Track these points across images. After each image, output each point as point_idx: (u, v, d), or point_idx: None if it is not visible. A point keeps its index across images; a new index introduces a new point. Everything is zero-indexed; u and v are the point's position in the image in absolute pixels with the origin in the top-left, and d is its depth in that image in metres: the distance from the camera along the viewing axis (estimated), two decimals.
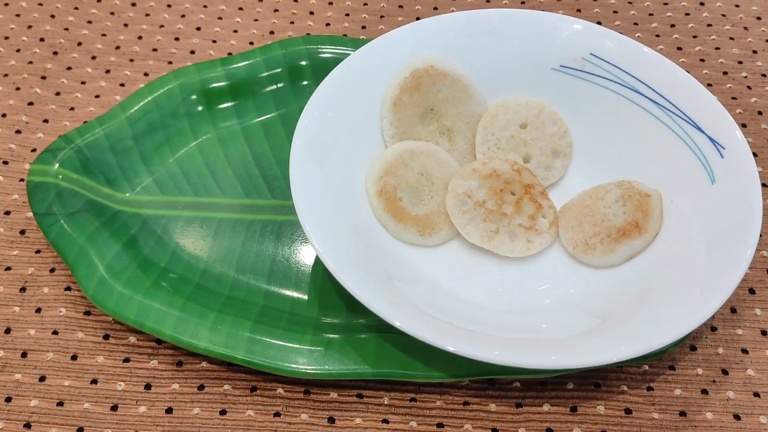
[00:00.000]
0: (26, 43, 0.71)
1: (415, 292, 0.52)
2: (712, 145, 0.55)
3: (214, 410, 0.50)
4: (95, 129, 0.60)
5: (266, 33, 0.72)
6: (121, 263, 0.54)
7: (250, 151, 0.62)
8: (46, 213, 0.55)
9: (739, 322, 0.54)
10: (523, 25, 0.61)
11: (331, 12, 0.74)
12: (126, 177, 0.60)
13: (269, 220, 0.58)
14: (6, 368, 0.52)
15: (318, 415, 0.50)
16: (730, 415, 0.50)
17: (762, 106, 0.67)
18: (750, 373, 0.52)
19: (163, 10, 0.74)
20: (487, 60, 0.61)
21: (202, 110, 0.63)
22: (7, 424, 0.49)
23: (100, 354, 0.53)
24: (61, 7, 0.74)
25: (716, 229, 0.51)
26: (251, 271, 0.56)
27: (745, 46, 0.71)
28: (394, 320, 0.46)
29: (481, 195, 0.55)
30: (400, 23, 0.72)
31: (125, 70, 0.69)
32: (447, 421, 0.50)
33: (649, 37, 0.72)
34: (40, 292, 0.55)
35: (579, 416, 0.50)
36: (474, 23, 0.61)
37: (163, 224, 0.58)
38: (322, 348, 0.50)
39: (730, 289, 0.47)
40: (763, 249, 0.58)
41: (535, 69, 0.61)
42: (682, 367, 0.52)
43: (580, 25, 0.60)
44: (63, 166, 0.57)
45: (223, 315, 0.52)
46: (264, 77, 0.64)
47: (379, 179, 0.56)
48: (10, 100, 0.66)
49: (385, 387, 0.51)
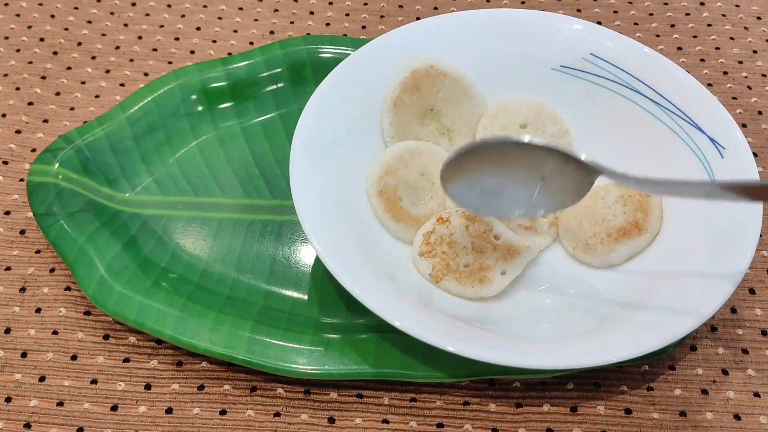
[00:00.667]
0: (26, 43, 0.71)
1: (414, 292, 0.52)
2: (712, 145, 0.55)
3: (214, 410, 0.50)
4: (95, 129, 0.60)
5: (266, 33, 0.72)
6: (121, 263, 0.54)
7: (250, 151, 0.62)
8: (46, 213, 0.55)
9: (739, 322, 0.54)
10: (524, 25, 0.61)
11: (331, 12, 0.74)
12: (126, 177, 0.60)
13: (269, 220, 0.58)
14: (6, 368, 0.52)
15: (318, 415, 0.50)
16: (730, 415, 0.50)
17: (762, 106, 0.67)
18: (750, 373, 0.52)
19: (163, 10, 0.74)
20: (487, 60, 0.61)
21: (202, 110, 0.63)
22: (7, 424, 0.49)
23: (100, 354, 0.53)
24: (61, 7, 0.74)
25: (716, 229, 0.51)
26: (251, 271, 0.56)
27: (745, 46, 0.71)
28: (394, 320, 0.46)
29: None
30: (400, 23, 0.72)
31: (125, 70, 0.69)
32: (447, 421, 0.50)
33: (649, 37, 0.72)
34: (40, 292, 0.55)
35: (579, 416, 0.50)
36: (474, 23, 0.61)
37: (163, 224, 0.58)
38: (322, 348, 0.50)
39: (730, 289, 0.47)
40: (763, 249, 0.58)
41: (536, 69, 0.61)
42: (682, 367, 0.52)
43: (581, 25, 0.60)
44: (63, 166, 0.57)
45: (223, 315, 0.52)
46: (264, 77, 0.64)
47: (379, 179, 0.56)
48: (10, 100, 0.66)
49: (385, 387, 0.51)
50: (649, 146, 0.58)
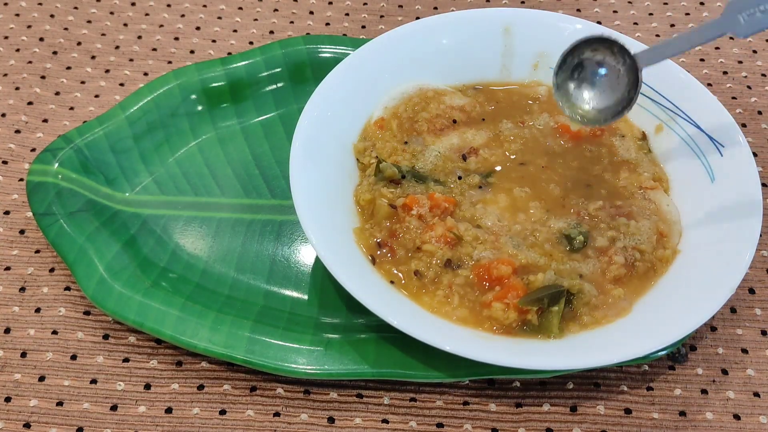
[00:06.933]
0: (26, 43, 0.71)
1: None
2: (712, 144, 0.55)
3: (214, 410, 0.50)
4: (95, 129, 0.60)
5: (266, 33, 0.72)
6: (121, 263, 0.54)
7: (250, 150, 0.62)
8: (46, 213, 0.55)
9: (739, 322, 0.54)
10: (524, 25, 0.61)
11: (331, 12, 0.74)
12: (126, 177, 0.60)
13: (269, 220, 0.58)
14: (6, 368, 0.52)
15: (318, 415, 0.50)
16: (730, 414, 0.50)
17: (762, 106, 0.67)
18: (750, 372, 0.52)
19: (163, 10, 0.74)
20: (487, 60, 0.61)
21: (201, 110, 0.63)
22: (7, 423, 0.49)
23: (99, 354, 0.52)
24: (60, 7, 0.74)
25: (716, 228, 0.51)
26: (251, 270, 0.56)
27: (745, 46, 0.71)
28: (393, 320, 0.46)
29: None
30: (400, 23, 0.71)
31: (125, 69, 0.69)
32: (447, 421, 0.50)
33: (649, 37, 0.72)
34: (40, 291, 0.55)
35: (579, 416, 0.50)
36: (474, 23, 0.61)
37: (162, 224, 0.58)
38: (322, 348, 0.50)
39: (730, 289, 0.47)
40: (763, 249, 0.58)
41: (536, 68, 0.61)
42: (682, 367, 0.52)
43: (581, 25, 0.60)
44: (63, 165, 0.57)
45: (222, 315, 0.52)
46: (264, 77, 0.64)
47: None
48: (10, 100, 0.66)
49: (384, 387, 0.51)
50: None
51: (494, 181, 0.56)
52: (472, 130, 0.59)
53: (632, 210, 0.53)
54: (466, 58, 0.61)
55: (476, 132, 0.59)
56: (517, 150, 0.57)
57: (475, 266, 0.51)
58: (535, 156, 0.57)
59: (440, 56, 0.61)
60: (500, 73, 0.62)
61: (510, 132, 0.58)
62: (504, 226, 0.53)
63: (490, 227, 0.53)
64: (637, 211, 0.53)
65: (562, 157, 0.57)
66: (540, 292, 0.49)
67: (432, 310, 0.49)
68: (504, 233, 0.52)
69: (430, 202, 0.53)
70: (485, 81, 0.62)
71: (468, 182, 0.55)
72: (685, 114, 0.57)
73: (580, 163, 0.57)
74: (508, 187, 0.55)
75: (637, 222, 0.53)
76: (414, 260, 0.51)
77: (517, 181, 0.56)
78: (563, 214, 0.54)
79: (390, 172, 0.54)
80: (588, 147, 0.58)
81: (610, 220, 0.53)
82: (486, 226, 0.53)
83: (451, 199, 0.54)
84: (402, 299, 0.50)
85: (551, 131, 0.58)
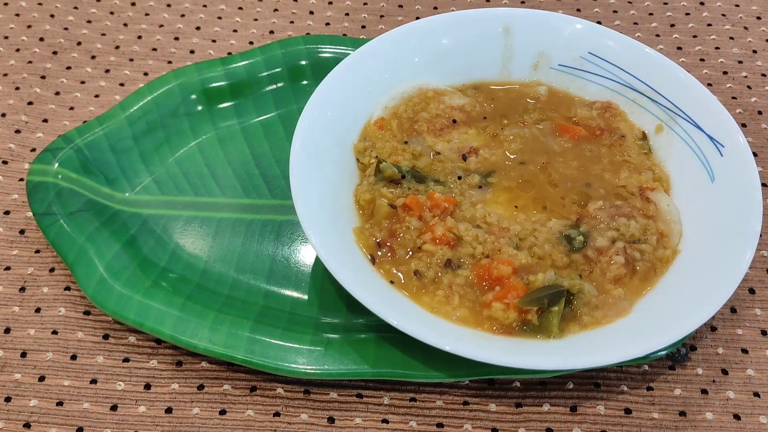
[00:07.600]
0: (26, 43, 0.71)
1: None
2: (712, 144, 0.55)
3: (214, 410, 0.50)
4: (95, 129, 0.60)
5: (266, 33, 0.72)
6: (121, 263, 0.54)
7: (250, 150, 0.62)
8: (46, 213, 0.55)
9: (739, 322, 0.54)
10: (524, 25, 0.61)
11: (331, 12, 0.74)
12: (126, 177, 0.60)
13: (269, 220, 0.58)
14: (6, 368, 0.52)
15: (318, 415, 0.50)
16: (730, 414, 0.50)
17: (762, 106, 0.67)
18: (750, 373, 0.52)
19: (163, 10, 0.74)
20: (487, 59, 0.61)
21: (201, 110, 0.63)
22: (7, 423, 0.49)
23: (99, 354, 0.52)
24: (60, 7, 0.74)
25: (716, 228, 0.51)
26: (251, 270, 0.56)
27: (745, 45, 0.71)
28: (393, 320, 0.46)
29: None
30: (400, 23, 0.71)
31: (125, 69, 0.69)
32: (447, 421, 0.50)
33: (649, 36, 0.72)
34: (40, 291, 0.55)
35: (579, 416, 0.50)
36: (474, 23, 0.61)
37: (162, 224, 0.58)
38: (322, 348, 0.50)
39: (730, 289, 0.47)
40: (763, 249, 0.58)
41: (536, 68, 0.61)
42: (682, 367, 0.52)
43: (581, 25, 0.60)
44: (63, 165, 0.57)
45: (222, 315, 0.52)
46: (264, 77, 0.64)
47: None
48: (10, 100, 0.66)
49: (384, 387, 0.51)
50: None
51: (494, 181, 0.56)
52: (472, 130, 0.59)
53: (632, 210, 0.54)
54: (466, 58, 0.61)
55: (476, 132, 0.59)
56: (517, 150, 0.57)
57: (475, 266, 0.51)
58: (535, 156, 0.57)
59: (440, 56, 0.61)
60: (500, 72, 0.62)
61: (510, 132, 0.58)
62: (504, 226, 0.53)
63: (490, 227, 0.53)
64: (637, 211, 0.53)
65: (562, 157, 0.57)
66: (540, 292, 0.49)
67: (432, 310, 0.49)
68: (504, 233, 0.52)
69: (430, 202, 0.53)
70: (485, 81, 0.62)
71: (468, 182, 0.55)
72: (685, 114, 0.57)
73: (579, 163, 0.57)
74: (508, 186, 0.55)
75: (637, 222, 0.53)
76: (414, 260, 0.51)
77: (517, 180, 0.56)
78: (563, 214, 0.54)
79: (390, 172, 0.54)
80: (588, 147, 0.58)
81: (610, 220, 0.53)
82: (486, 226, 0.53)
83: (451, 199, 0.54)
84: (402, 299, 0.50)
85: (551, 131, 0.59)
